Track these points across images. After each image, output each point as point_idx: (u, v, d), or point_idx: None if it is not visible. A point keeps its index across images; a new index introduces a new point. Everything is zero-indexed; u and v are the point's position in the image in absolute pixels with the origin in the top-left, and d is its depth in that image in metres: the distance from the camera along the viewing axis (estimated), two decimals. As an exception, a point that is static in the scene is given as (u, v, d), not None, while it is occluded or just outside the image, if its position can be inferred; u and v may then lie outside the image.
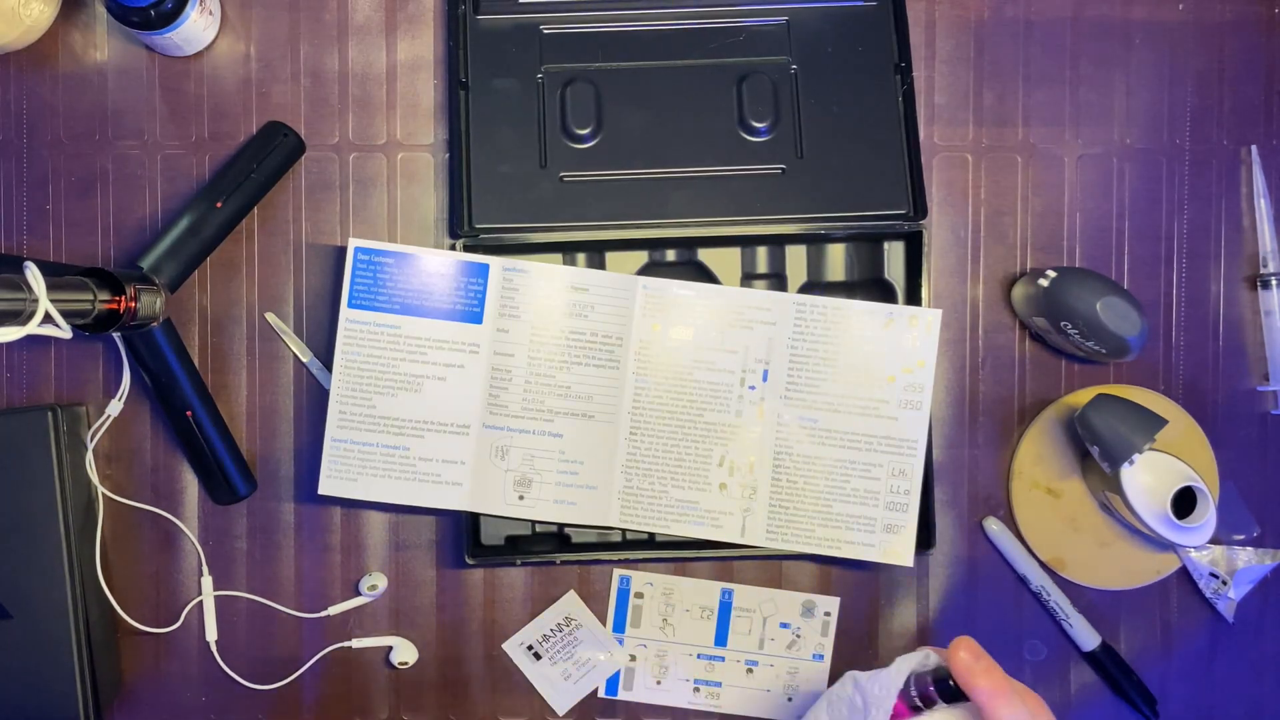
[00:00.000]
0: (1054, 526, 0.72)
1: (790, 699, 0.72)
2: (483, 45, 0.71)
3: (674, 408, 0.68)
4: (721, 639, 0.72)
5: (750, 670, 0.72)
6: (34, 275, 0.53)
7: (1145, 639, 0.72)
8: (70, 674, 0.66)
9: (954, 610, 0.73)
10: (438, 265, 0.67)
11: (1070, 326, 0.66)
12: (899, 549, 0.68)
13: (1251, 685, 0.73)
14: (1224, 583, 0.71)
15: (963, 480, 0.73)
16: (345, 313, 0.67)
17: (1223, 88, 0.73)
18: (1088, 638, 0.71)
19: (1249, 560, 0.71)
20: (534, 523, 0.72)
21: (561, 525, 0.71)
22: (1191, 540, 0.65)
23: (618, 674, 0.72)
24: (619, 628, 0.72)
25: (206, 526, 0.72)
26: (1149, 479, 0.65)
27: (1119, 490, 0.65)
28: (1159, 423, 0.64)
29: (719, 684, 0.72)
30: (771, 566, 0.72)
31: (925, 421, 0.68)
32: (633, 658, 0.72)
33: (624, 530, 0.70)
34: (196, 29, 0.68)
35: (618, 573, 0.72)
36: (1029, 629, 0.72)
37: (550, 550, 0.71)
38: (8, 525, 0.66)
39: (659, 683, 0.72)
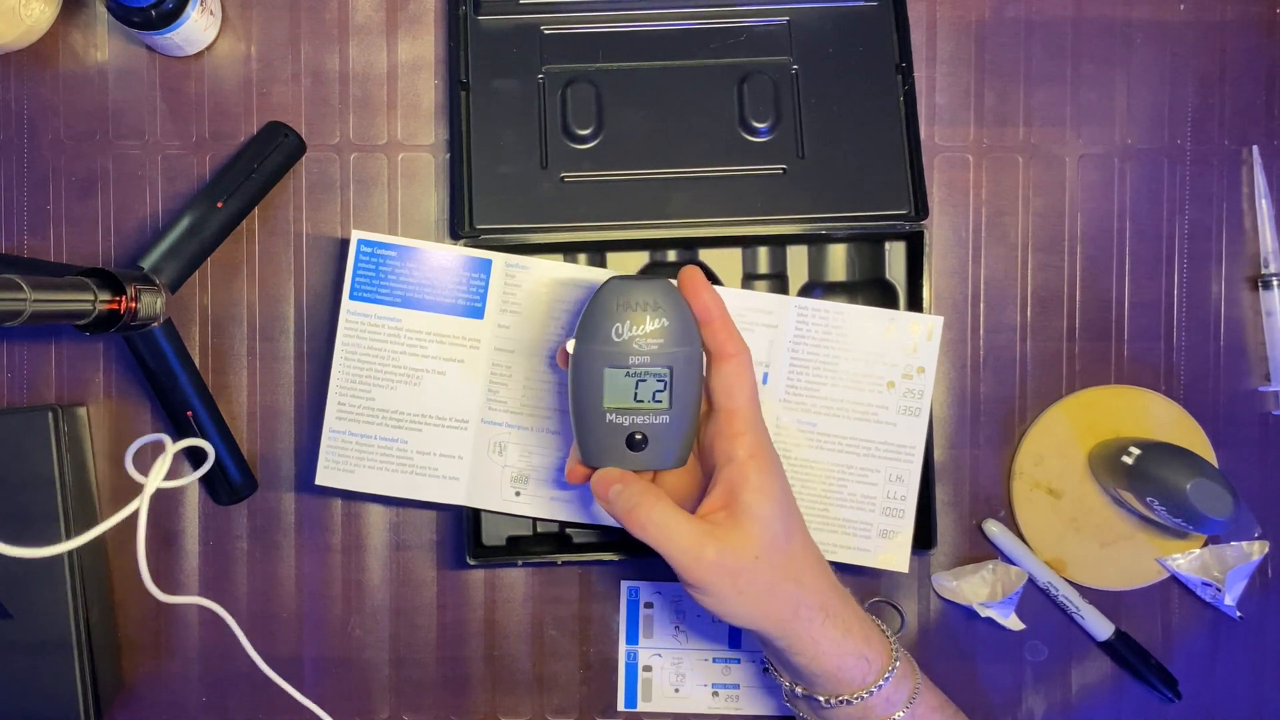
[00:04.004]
0: (1055, 527, 0.72)
1: None
2: (483, 45, 0.71)
3: (674, 408, 0.68)
4: (735, 640, 0.72)
5: (766, 669, 0.72)
6: None
7: (1148, 639, 0.72)
8: (70, 674, 0.66)
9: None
10: (440, 259, 0.67)
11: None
12: (894, 554, 0.68)
13: (1257, 683, 0.73)
14: (1219, 589, 0.70)
15: (964, 481, 0.72)
16: (346, 304, 0.67)
17: (1223, 88, 0.73)
18: (1101, 628, 0.71)
19: (1238, 558, 0.71)
20: (535, 522, 0.71)
21: (561, 524, 0.71)
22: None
23: (636, 686, 0.72)
24: (632, 639, 0.72)
25: (206, 526, 0.72)
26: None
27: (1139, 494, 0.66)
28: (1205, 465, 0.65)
29: (736, 686, 0.72)
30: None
31: (924, 428, 0.67)
32: (648, 668, 0.72)
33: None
34: (197, 29, 0.68)
35: (625, 584, 0.72)
36: (1030, 629, 0.72)
37: (551, 550, 0.70)
38: (8, 525, 0.66)
39: (677, 690, 0.72)
